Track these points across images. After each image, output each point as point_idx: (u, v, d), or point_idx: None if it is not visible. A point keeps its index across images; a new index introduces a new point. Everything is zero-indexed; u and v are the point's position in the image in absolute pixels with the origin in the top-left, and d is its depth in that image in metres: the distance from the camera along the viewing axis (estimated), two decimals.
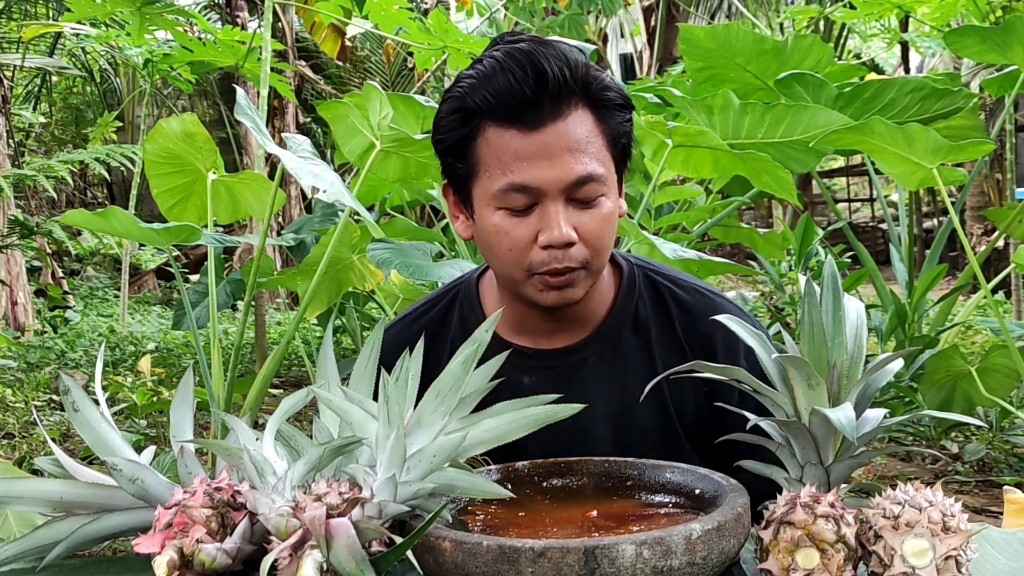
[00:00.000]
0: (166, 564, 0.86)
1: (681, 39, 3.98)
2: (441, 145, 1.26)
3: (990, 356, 3.55)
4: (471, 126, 1.21)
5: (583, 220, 1.20)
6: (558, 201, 1.19)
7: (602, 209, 1.22)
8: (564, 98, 1.18)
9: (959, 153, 3.08)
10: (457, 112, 1.21)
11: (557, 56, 1.18)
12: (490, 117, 1.19)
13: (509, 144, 1.18)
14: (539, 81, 1.16)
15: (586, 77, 1.20)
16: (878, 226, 13.55)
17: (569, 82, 1.17)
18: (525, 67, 1.17)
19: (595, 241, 1.22)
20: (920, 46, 7.01)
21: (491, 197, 1.21)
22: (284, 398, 0.98)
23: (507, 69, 1.17)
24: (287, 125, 8.24)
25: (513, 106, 1.17)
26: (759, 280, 6.30)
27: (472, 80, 1.20)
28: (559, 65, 1.17)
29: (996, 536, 1.00)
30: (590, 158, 1.19)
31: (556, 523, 0.95)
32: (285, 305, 8.32)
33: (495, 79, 1.18)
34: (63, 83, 11.87)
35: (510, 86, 1.17)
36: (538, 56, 1.17)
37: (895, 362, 0.95)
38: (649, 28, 12.04)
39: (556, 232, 1.18)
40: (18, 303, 6.74)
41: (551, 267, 1.21)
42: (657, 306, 1.35)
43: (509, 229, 1.21)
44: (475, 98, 1.19)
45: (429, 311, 1.42)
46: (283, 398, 0.98)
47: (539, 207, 1.20)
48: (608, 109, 1.22)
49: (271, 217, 3.02)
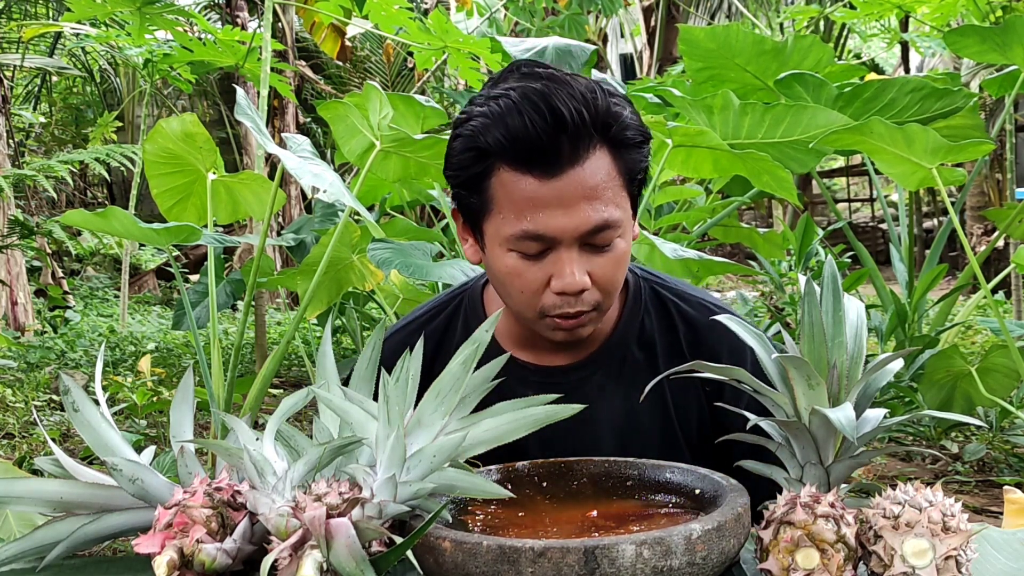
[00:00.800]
0: (166, 564, 0.86)
1: (681, 39, 3.98)
2: (453, 179, 1.22)
3: (990, 356, 3.55)
4: (484, 165, 1.16)
5: (596, 264, 1.18)
6: (572, 248, 1.16)
7: (616, 252, 1.19)
8: (582, 142, 1.13)
9: (959, 153, 3.08)
10: (470, 151, 1.17)
11: (575, 96, 1.12)
12: (504, 159, 1.14)
13: (524, 190, 1.14)
14: (556, 125, 1.11)
15: (606, 118, 1.14)
16: (878, 226, 13.55)
17: (588, 125, 1.12)
18: (541, 109, 1.11)
19: (607, 284, 1.20)
20: (920, 46, 7.02)
21: (504, 239, 1.18)
22: (284, 398, 0.98)
23: (522, 111, 1.11)
24: (287, 125, 8.24)
25: (529, 151, 1.12)
26: (759, 280, 6.30)
27: (485, 119, 1.15)
28: (577, 107, 1.12)
29: (996, 536, 1.00)
30: (607, 203, 1.15)
31: (556, 523, 0.95)
32: (285, 305, 8.32)
33: (509, 120, 1.12)
34: (63, 83, 11.87)
35: (525, 129, 1.11)
36: (555, 97, 1.11)
37: (895, 362, 0.95)
38: (649, 28, 12.04)
39: (570, 280, 1.16)
40: (18, 303, 6.74)
41: (563, 311, 1.19)
42: (663, 321, 1.34)
43: (522, 272, 1.18)
44: (488, 138, 1.14)
45: (433, 319, 1.39)
46: (283, 398, 0.98)
47: (553, 252, 1.16)
48: (627, 147, 1.18)
49: (271, 217, 3.02)
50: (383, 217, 4.17)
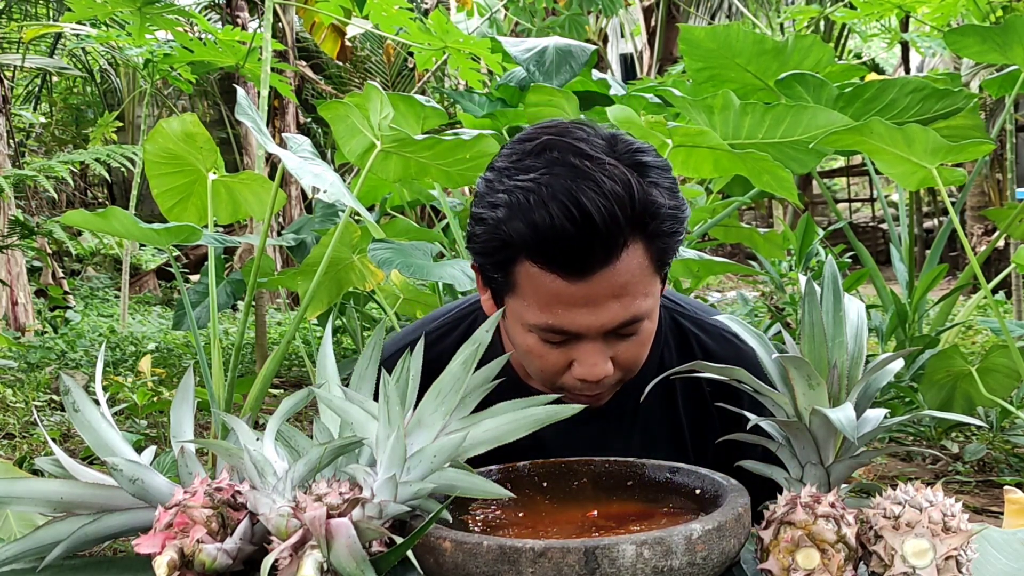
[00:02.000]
0: (166, 564, 0.86)
1: (681, 39, 3.98)
2: (476, 259, 1.15)
3: (990, 356, 3.55)
4: (508, 253, 1.08)
5: (620, 348, 1.14)
6: (598, 340, 1.12)
7: (641, 334, 1.15)
8: (614, 242, 1.04)
9: (959, 153, 3.08)
10: (493, 240, 1.09)
11: (607, 194, 1.02)
12: (529, 254, 1.07)
13: (551, 288, 1.07)
14: (586, 227, 1.02)
15: (642, 215, 1.05)
16: (878, 226, 13.55)
17: (621, 225, 1.03)
18: (570, 211, 1.02)
19: (630, 365, 1.17)
20: (920, 46, 7.02)
21: (527, 323, 1.12)
22: (284, 398, 0.98)
23: (549, 208, 1.02)
24: (287, 125, 8.24)
25: (556, 251, 1.04)
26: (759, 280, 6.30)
27: (507, 210, 1.06)
28: (609, 207, 1.02)
29: (996, 536, 1.00)
30: (636, 297, 1.09)
31: (556, 523, 0.95)
32: (285, 305, 8.33)
33: (536, 216, 1.03)
34: (63, 83, 11.88)
35: (552, 229, 1.02)
36: (584, 195, 1.01)
37: (895, 362, 0.95)
38: (649, 28, 12.04)
39: (593, 371, 1.13)
40: (18, 303, 6.74)
41: (579, 391, 1.17)
42: (682, 353, 1.30)
43: (543, 354, 1.15)
44: (512, 231, 1.06)
45: (445, 337, 1.33)
46: (283, 398, 0.98)
47: (576, 340, 1.13)
48: (663, 237, 1.09)
49: (271, 217, 3.02)
50: (383, 217, 4.17)
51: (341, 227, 2.83)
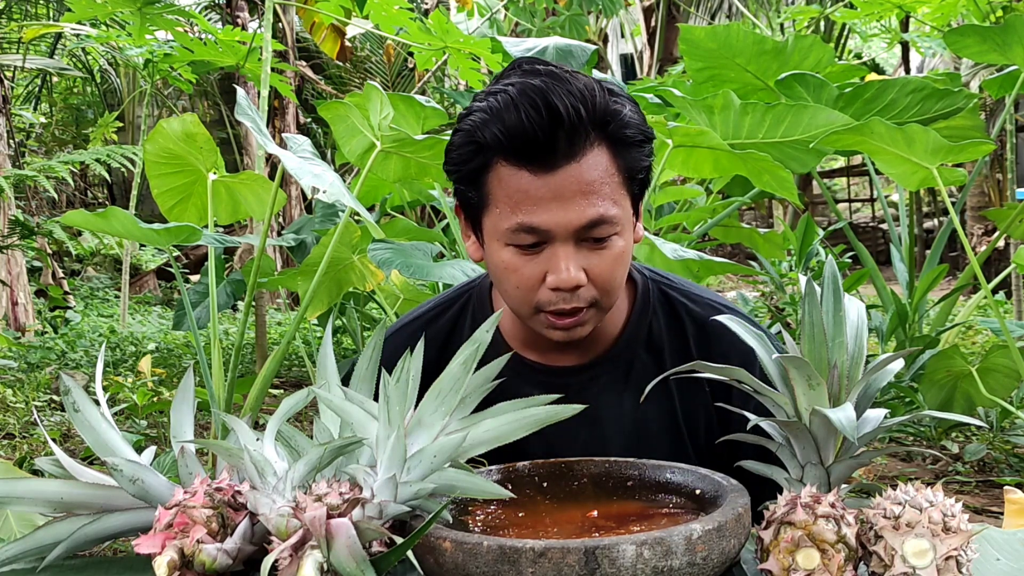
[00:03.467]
0: (166, 564, 0.86)
1: (681, 39, 3.98)
2: (453, 175, 1.23)
3: (990, 356, 3.55)
4: (482, 159, 1.17)
5: (593, 261, 1.18)
6: (568, 243, 1.16)
7: (613, 249, 1.18)
8: (579, 138, 1.13)
9: (959, 153, 3.08)
10: (469, 145, 1.17)
11: (573, 93, 1.12)
12: (501, 154, 1.15)
13: (520, 184, 1.14)
14: (552, 121, 1.11)
15: (604, 115, 1.15)
16: (878, 226, 13.55)
17: (585, 121, 1.12)
18: (538, 105, 1.11)
19: (604, 282, 1.19)
20: (920, 46, 7.02)
21: (501, 233, 1.18)
22: (284, 398, 0.98)
23: (519, 106, 1.12)
24: (288, 125, 8.24)
25: (525, 146, 1.13)
26: (759, 280, 6.29)
27: (483, 113, 1.16)
28: (575, 104, 1.12)
29: (996, 536, 1.00)
30: (604, 199, 1.15)
31: (556, 523, 0.95)
32: (285, 305, 8.33)
33: (507, 115, 1.13)
34: (63, 83, 11.88)
35: (522, 125, 1.12)
36: (552, 94, 1.11)
37: (895, 362, 0.95)
38: (649, 28, 12.04)
39: (564, 275, 1.16)
40: (19, 303, 6.74)
41: (558, 307, 1.19)
42: (671, 323, 1.33)
43: (518, 267, 1.19)
44: (486, 133, 1.15)
45: (439, 317, 1.39)
46: (283, 398, 0.98)
47: (548, 247, 1.17)
48: (627, 146, 1.17)
49: (271, 217, 3.02)
50: (383, 217, 4.17)
51: (341, 227, 2.83)
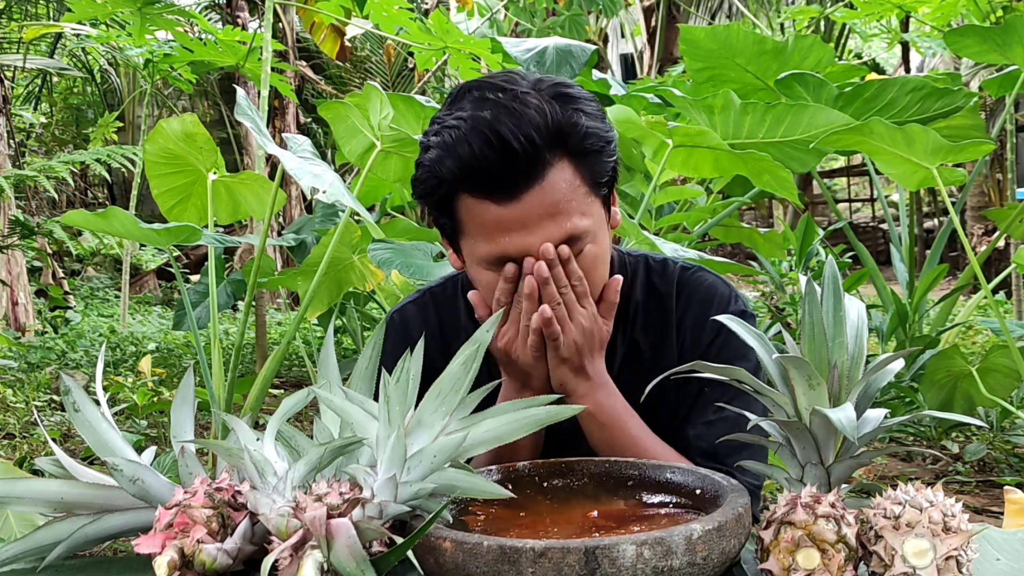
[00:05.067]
0: (167, 564, 0.86)
1: (682, 39, 3.98)
2: (422, 202, 1.24)
3: (991, 356, 3.55)
4: (446, 192, 1.18)
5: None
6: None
7: (588, 258, 1.21)
8: (537, 162, 1.13)
9: (959, 153, 3.08)
10: (431, 179, 1.18)
11: (524, 121, 1.11)
12: (463, 187, 1.16)
13: (487, 216, 1.15)
14: (506, 153, 1.11)
15: (559, 133, 1.13)
16: (879, 226, 13.55)
17: (539, 145, 1.12)
18: (490, 140, 1.10)
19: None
20: (920, 46, 7.02)
21: (478, 259, 1.21)
22: (285, 398, 0.98)
23: (470, 142, 1.11)
24: (288, 125, 8.23)
25: (484, 180, 1.13)
26: (760, 280, 6.29)
27: (439, 151, 1.16)
28: (526, 132, 1.11)
29: (997, 536, 1.00)
30: (571, 215, 1.16)
31: (557, 523, 0.95)
32: (286, 305, 8.32)
33: (461, 151, 1.12)
34: (63, 83, 11.88)
35: (476, 160, 1.12)
36: (502, 125, 1.10)
37: (896, 362, 0.95)
38: (649, 28, 12.03)
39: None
40: (19, 303, 6.74)
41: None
42: (647, 290, 1.37)
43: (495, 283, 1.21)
44: (443, 169, 1.15)
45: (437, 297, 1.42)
46: (284, 398, 0.98)
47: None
48: (587, 155, 1.17)
49: (271, 217, 3.02)
50: (384, 217, 4.17)
51: (341, 227, 2.83)
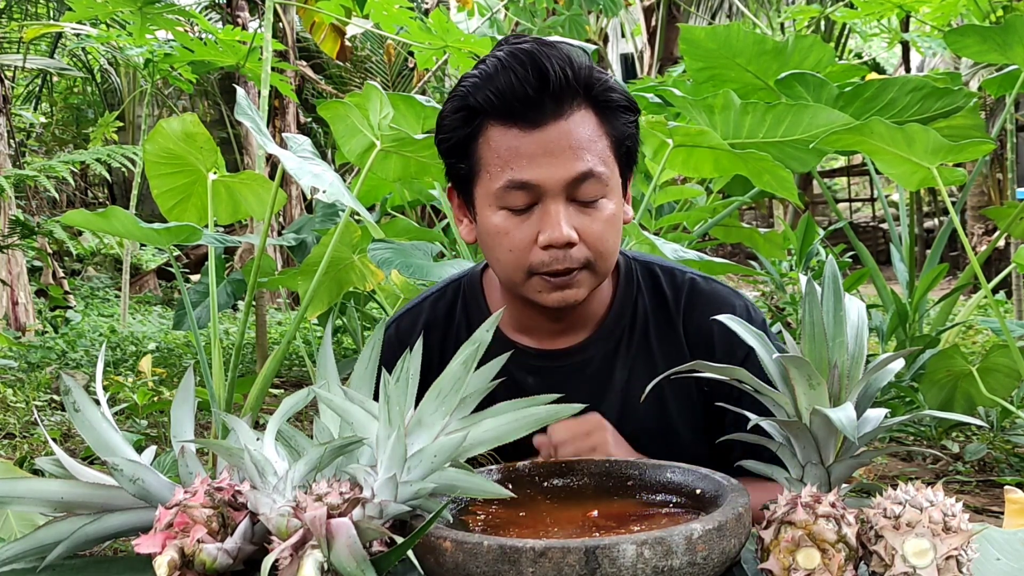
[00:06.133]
0: (167, 564, 0.86)
1: (682, 39, 3.98)
2: (444, 144, 1.26)
3: (991, 356, 3.54)
4: (474, 125, 1.21)
5: (584, 221, 1.20)
6: (559, 200, 1.18)
7: (604, 211, 1.21)
8: (566, 98, 1.18)
9: (959, 153, 3.07)
10: (460, 111, 1.22)
11: (560, 56, 1.18)
12: (492, 116, 1.19)
13: (511, 142, 1.18)
14: (541, 80, 1.16)
15: (589, 78, 1.20)
16: (879, 226, 13.54)
17: (571, 82, 1.18)
18: (527, 66, 1.17)
19: (596, 243, 1.21)
20: (921, 46, 7.02)
21: (492, 196, 1.21)
22: (285, 398, 0.98)
23: (509, 68, 1.17)
24: (288, 125, 8.23)
25: (515, 105, 1.17)
26: (760, 280, 6.29)
27: (475, 79, 1.21)
28: (561, 65, 1.17)
29: (997, 536, 1.00)
30: (592, 156, 1.19)
31: (557, 523, 0.95)
32: (286, 305, 8.32)
33: (497, 78, 1.18)
34: (64, 83, 11.88)
35: (511, 85, 1.17)
36: (540, 56, 1.17)
37: (896, 362, 0.95)
38: (650, 28, 12.03)
39: (556, 232, 1.17)
40: (19, 303, 6.74)
41: (552, 268, 1.20)
42: (655, 297, 1.36)
43: (510, 229, 1.20)
44: (478, 97, 1.19)
45: (435, 306, 1.41)
46: (284, 398, 0.98)
47: (540, 206, 1.19)
48: (612, 110, 1.22)
49: (272, 217, 3.02)
50: (384, 217, 4.17)
51: (341, 227, 2.83)
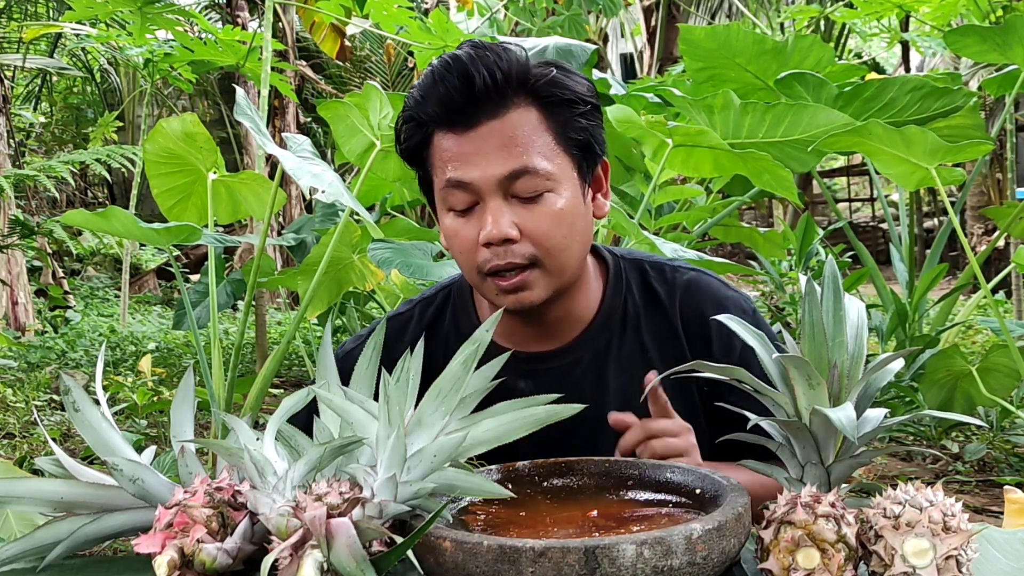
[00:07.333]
0: (167, 564, 0.86)
1: (681, 39, 3.98)
2: (403, 155, 1.30)
3: (990, 356, 3.54)
4: (423, 134, 1.25)
5: (526, 217, 1.20)
6: (496, 198, 1.20)
7: (548, 206, 1.20)
8: (499, 99, 1.20)
9: (957, 154, 3.07)
10: (409, 122, 1.26)
11: (489, 60, 1.19)
12: (435, 124, 1.23)
13: (449, 144, 1.22)
14: (467, 86, 1.19)
15: (524, 76, 1.21)
16: (879, 226, 13.55)
17: (500, 84, 1.19)
18: (455, 73, 1.19)
19: (541, 238, 1.21)
20: (920, 46, 7.02)
21: (440, 199, 1.24)
22: (284, 398, 0.98)
23: (441, 78, 1.20)
24: (288, 125, 8.23)
25: (450, 112, 1.21)
26: (759, 280, 6.30)
27: (416, 91, 1.25)
28: (489, 68, 1.18)
29: (997, 536, 1.00)
30: (529, 153, 1.19)
31: (557, 523, 0.95)
32: (286, 305, 8.32)
33: (433, 89, 1.21)
34: (63, 83, 11.88)
35: (444, 94, 1.20)
36: (468, 62, 1.19)
37: (896, 362, 0.95)
38: (649, 28, 12.02)
39: (492, 229, 1.19)
40: (19, 303, 6.74)
41: (494, 264, 1.21)
42: (646, 296, 1.36)
43: (458, 230, 1.23)
44: (419, 110, 1.23)
45: (425, 311, 1.42)
46: (283, 398, 0.98)
47: (481, 205, 1.21)
48: (556, 105, 1.22)
49: (271, 217, 3.02)
50: (383, 217, 4.17)
51: (341, 227, 2.83)
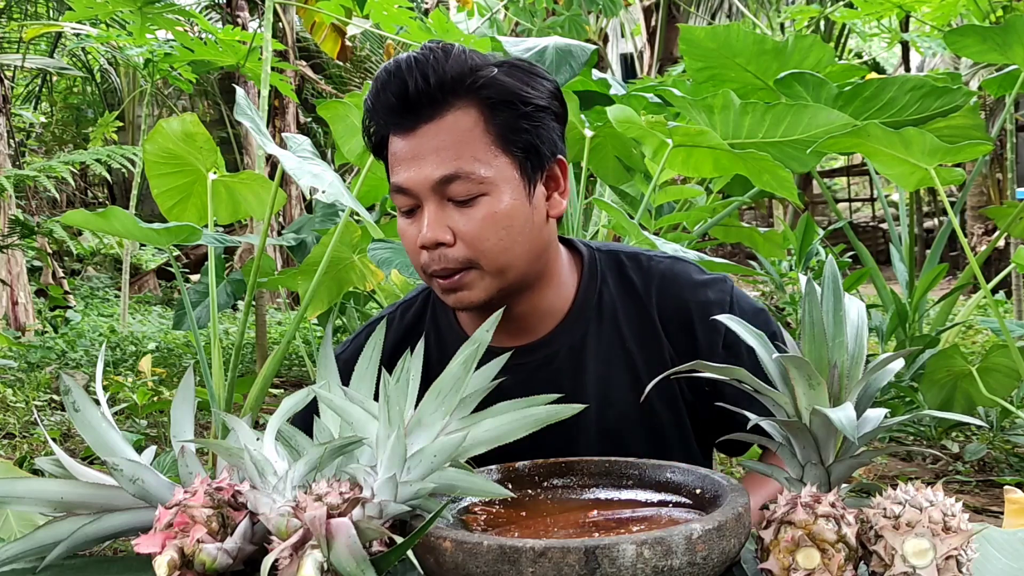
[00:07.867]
0: (167, 564, 0.86)
1: (681, 39, 3.98)
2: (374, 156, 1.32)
3: (990, 356, 3.55)
4: (380, 135, 1.27)
5: (459, 221, 1.21)
6: (431, 201, 1.21)
7: (483, 209, 1.21)
8: (434, 102, 1.20)
9: (956, 154, 3.07)
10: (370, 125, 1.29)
11: (425, 64, 1.20)
12: (386, 128, 1.25)
13: (394, 148, 1.24)
14: (402, 90, 1.20)
15: (461, 78, 1.20)
16: (879, 226, 13.55)
17: (433, 88, 1.19)
18: (393, 78, 1.21)
19: (474, 241, 1.21)
20: (920, 46, 7.02)
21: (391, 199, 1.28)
22: (285, 398, 0.98)
23: (383, 84, 1.22)
24: (288, 125, 8.23)
25: (392, 116, 1.23)
26: (760, 280, 6.30)
27: (369, 95, 1.26)
28: (424, 73, 1.19)
29: (997, 536, 1.00)
30: (462, 157, 1.20)
31: (557, 523, 0.95)
32: (286, 305, 8.33)
33: (378, 95, 1.23)
34: (63, 83, 11.88)
35: (384, 99, 1.22)
36: (405, 68, 1.20)
37: (896, 362, 0.95)
38: (650, 28, 12.03)
39: (426, 232, 1.21)
40: (19, 303, 6.74)
41: (431, 268, 1.23)
42: (622, 286, 1.35)
43: (405, 231, 1.25)
44: (371, 113, 1.26)
45: (405, 313, 1.45)
46: (284, 398, 0.98)
47: (421, 208, 1.23)
48: (498, 105, 1.21)
49: (271, 217, 3.02)
50: (384, 217, 4.17)
51: (341, 227, 2.83)
